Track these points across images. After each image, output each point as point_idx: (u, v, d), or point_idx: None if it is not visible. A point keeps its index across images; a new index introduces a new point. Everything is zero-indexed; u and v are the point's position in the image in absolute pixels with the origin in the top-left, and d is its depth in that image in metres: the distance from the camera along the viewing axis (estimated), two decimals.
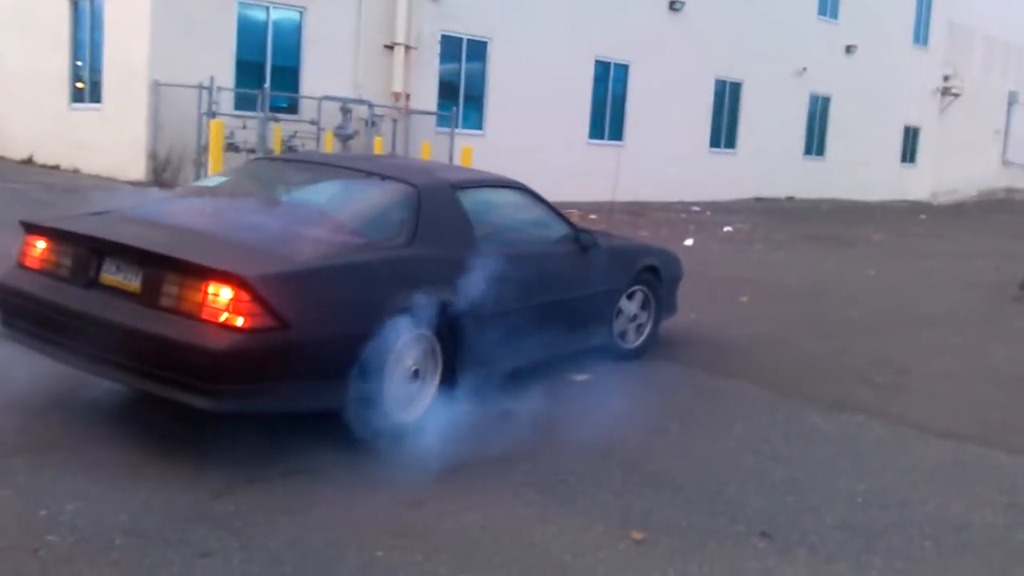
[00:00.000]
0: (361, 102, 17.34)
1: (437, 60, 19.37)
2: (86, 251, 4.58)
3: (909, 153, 33.97)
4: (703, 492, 4.55)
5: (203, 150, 15.46)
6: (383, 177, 5.52)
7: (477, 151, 17.91)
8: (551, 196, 19.47)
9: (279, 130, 15.90)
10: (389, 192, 5.36)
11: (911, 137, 33.90)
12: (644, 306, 7.14)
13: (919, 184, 33.76)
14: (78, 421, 4.70)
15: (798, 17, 27.31)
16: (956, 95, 35.18)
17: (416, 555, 3.63)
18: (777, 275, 12.54)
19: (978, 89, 36.77)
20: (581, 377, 6.26)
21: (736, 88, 25.65)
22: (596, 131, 22.28)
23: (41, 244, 4.79)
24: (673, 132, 23.56)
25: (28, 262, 4.84)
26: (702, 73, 24.52)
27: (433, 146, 17.72)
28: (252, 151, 15.76)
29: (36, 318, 4.63)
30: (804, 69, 27.45)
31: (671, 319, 7.63)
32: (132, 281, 4.38)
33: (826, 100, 28.99)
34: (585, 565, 3.70)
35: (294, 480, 4.26)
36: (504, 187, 6.38)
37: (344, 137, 16.91)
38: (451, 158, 17.99)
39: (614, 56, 22.20)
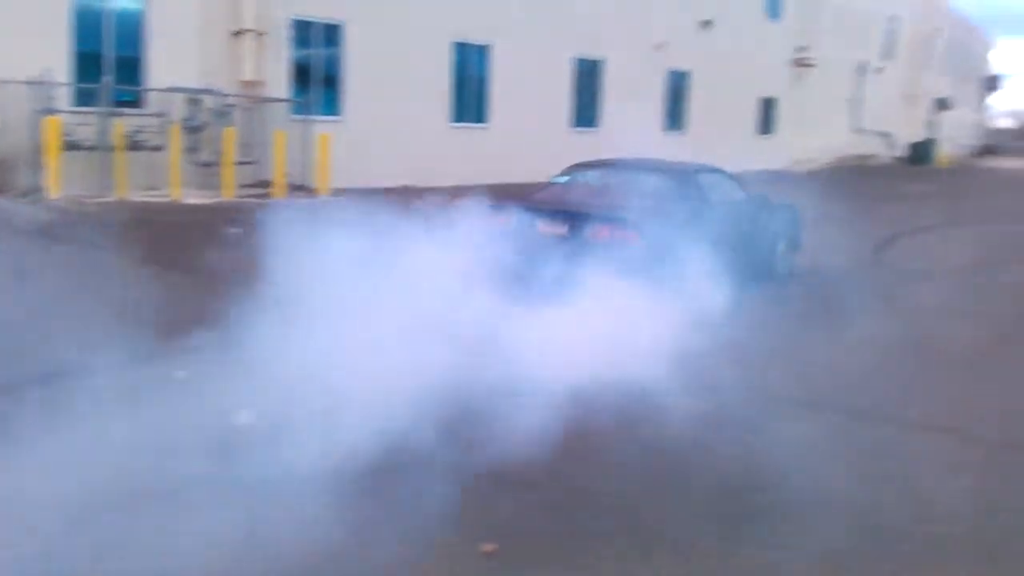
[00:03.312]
0: (209, 92, 16.66)
1: (289, 45, 18.76)
2: (531, 213, 8.86)
3: (767, 124, 34.83)
4: (565, 489, 4.36)
5: (39, 150, 14.56)
6: (663, 171, 10.35)
7: (336, 137, 17.48)
8: (415, 181, 19.57)
9: (120, 125, 15.14)
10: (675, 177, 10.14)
11: (767, 108, 34.73)
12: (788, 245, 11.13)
13: (778, 154, 34.58)
14: None
15: None
16: (809, 66, 36.18)
17: None
18: None
19: (829, 59, 37.90)
20: None
21: (597, 66, 25.72)
22: (458, 114, 22.02)
23: (504, 213, 8.66)
24: (536, 112, 23.48)
25: (499, 223, 8.34)
26: (562, 52, 24.51)
27: (288, 134, 17.16)
28: (94, 148, 15.01)
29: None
30: (662, 45, 27.73)
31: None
32: (560, 228, 8.64)
33: (685, 75, 29.38)
34: None
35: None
36: (714, 171, 10.89)
37: (192, 129, 16.25)
38: (307, 145, 17.47)
39: (473, 37, 21.95)
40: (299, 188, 17.36)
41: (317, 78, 19.40)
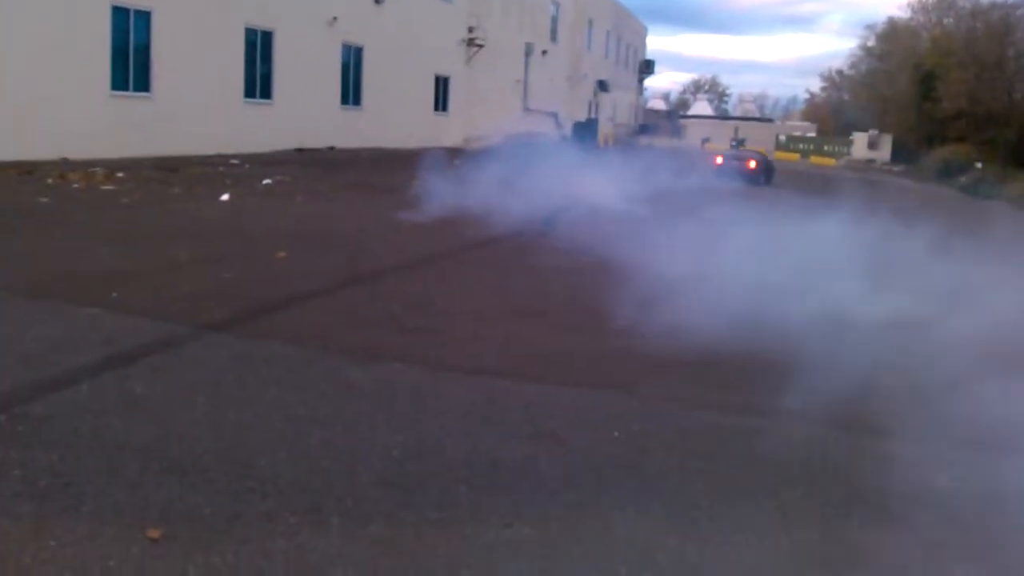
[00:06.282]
0: None
1: None
2: (724, 157, 36.96)
3: (441, 102, 35.53)
4: (230, 471, 4.19)
5: None
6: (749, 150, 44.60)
7: None
8: (73, 153, 18.37)
9: None
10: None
11: (442, 86, 35.44)
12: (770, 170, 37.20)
13: (452, 131, 35.46)
14: None
15: None
16: (480, 46, 37.26)
17: None
18: (317, 226, 12.37)
19: (499, 41, 39.26)
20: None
21: (268, 36, 24.98)
22: (119, 82, 20.50)
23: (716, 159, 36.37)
24: (206, 82, 22.46)
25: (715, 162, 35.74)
26: (231, 21, 23.56)
27: None
28: None
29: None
30: (335, 19, 27.46)
31: None
32: (734, 163, 34.88)
33: (359, 50, 29.27)
34: None
35: None
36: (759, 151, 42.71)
37: None
38: None
39: (133, 2, 20.53)
40: None
41: None
